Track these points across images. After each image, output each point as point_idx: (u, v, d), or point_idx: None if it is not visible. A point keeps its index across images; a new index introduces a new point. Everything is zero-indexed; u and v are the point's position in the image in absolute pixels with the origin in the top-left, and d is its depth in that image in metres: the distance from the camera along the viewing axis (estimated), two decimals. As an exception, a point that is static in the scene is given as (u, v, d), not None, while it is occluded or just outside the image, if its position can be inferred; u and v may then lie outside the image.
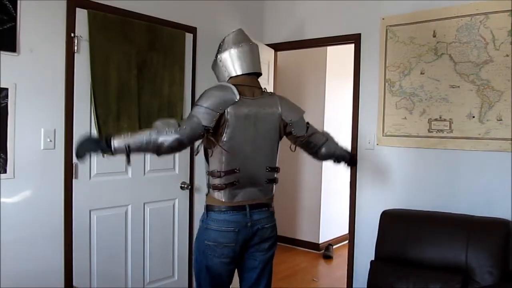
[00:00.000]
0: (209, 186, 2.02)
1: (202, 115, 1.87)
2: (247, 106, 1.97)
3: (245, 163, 2.00)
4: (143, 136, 1.83)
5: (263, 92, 2.09)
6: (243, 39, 2.10)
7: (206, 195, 2.06)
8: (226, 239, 1.96)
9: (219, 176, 1.96)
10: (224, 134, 1.92)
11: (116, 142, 1.81)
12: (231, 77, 2.05)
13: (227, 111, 1.91)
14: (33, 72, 2.37)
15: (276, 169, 2.14)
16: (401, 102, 3.07)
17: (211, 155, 1.97)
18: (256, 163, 2.04)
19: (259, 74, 2.14)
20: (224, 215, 1.97)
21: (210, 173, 1.99)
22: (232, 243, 1.97)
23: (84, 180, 2.62)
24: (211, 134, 1.90)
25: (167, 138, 1.82)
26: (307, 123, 2.26)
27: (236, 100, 1.92)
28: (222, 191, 1.97)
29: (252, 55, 2.09)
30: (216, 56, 2.10)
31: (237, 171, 1.97)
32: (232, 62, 2.05)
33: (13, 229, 2.32)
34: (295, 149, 2.28)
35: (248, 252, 2.06)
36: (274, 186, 2.17)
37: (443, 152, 2.90)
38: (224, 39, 2.11)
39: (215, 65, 2.13)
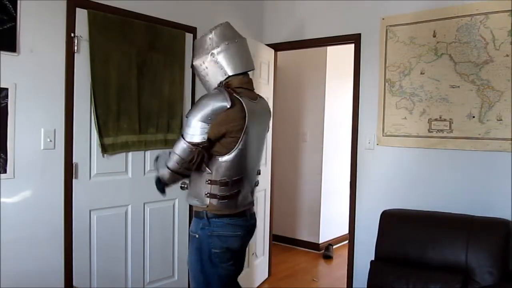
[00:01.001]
0: (211, 196, 1.86)
1: (193, 130, 1.78)
2: (255, 111, 1.91)
3: (248, 169, 1.94)
4: (157, 171, 1.95)
5: (257, 95, 2.03)
6: (235, 34, 1.96)
7: (207, 205, 1.88)
8: (234, 243, 1.92)
9: (227, 185, 1.85)
10: (240, 141, 1.83)
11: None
12: (229, 76, 1.90)
13: (247, 117, 1.82)
14: (33, 72, 2.37)
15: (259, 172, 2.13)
16: (401, 102, 3.07)
17: (217, 162, 1.84)
18: (254, 168, 2.01)
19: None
20: (229, 220, 1.89)
21: (217, 182, 1.85)
22: (238, 247, 1.94)
23: (84, 180, 2.62)
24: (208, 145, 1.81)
25: (163, 172, 1.89)
26: None
27: (228, 106, 1.77)
28: (227, 200, 1.87)
29: (247, 51, 1.98)
30: (210, 53, 1.89)
31: (243, 179, 1.91)
32: (230, 60, 1.88)
33: (13, 229, 2.32)
34: None
35: None
36: None
37: (443, 152, 2.90)
38: (211, 34, 1.90)
39: (208, 64, 1.91)
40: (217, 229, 1.88)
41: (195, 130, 1.78)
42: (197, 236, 1.92)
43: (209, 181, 1.86)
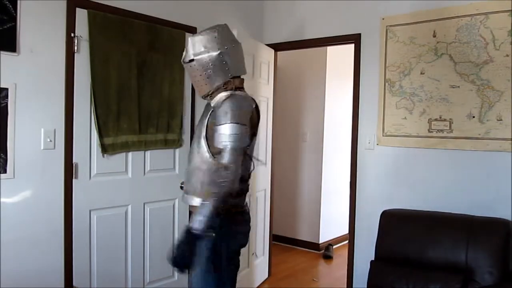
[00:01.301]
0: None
1: (242, 135, 1.77)
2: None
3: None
4: (211, 204, 1.71)
5: None
6: (235, 37, 1.98)
7: (227, 203, 1.81)
8: (244, 239, 1.96)
9: (242, 181, 1.87)
10: (253, 138, 1.91)
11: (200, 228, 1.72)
12: (233, 78, 1.90)
13: (259, 116, 1.96)
14: (33, 72, 2.37)
15: None
16: (401, 102, 3.07)
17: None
18: None
19: None
20: (242, 216, 1.93)
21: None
22: (245, 243, 1.97)
23: (84, 180, 2.62)
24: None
25: (229, 186, 1.71)
26: None
27: (254, 106, 1.92)
28: (241, 196, 1.90)
29: (242, 55, 2.01)
30: (218, 52, 1.86)
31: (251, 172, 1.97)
32: (235, 61, 1.90)
33: (13, 229, 2.32)
34: None
35: None
36: None
37: (443, 152, 2.90)
38: (215, 33, 1.88)
39: (214, 62, 1.87)
40: (234, 226, 1.89)
41: (241, 136, 1.76)
42: (218, 234, 1.84)
43: None
